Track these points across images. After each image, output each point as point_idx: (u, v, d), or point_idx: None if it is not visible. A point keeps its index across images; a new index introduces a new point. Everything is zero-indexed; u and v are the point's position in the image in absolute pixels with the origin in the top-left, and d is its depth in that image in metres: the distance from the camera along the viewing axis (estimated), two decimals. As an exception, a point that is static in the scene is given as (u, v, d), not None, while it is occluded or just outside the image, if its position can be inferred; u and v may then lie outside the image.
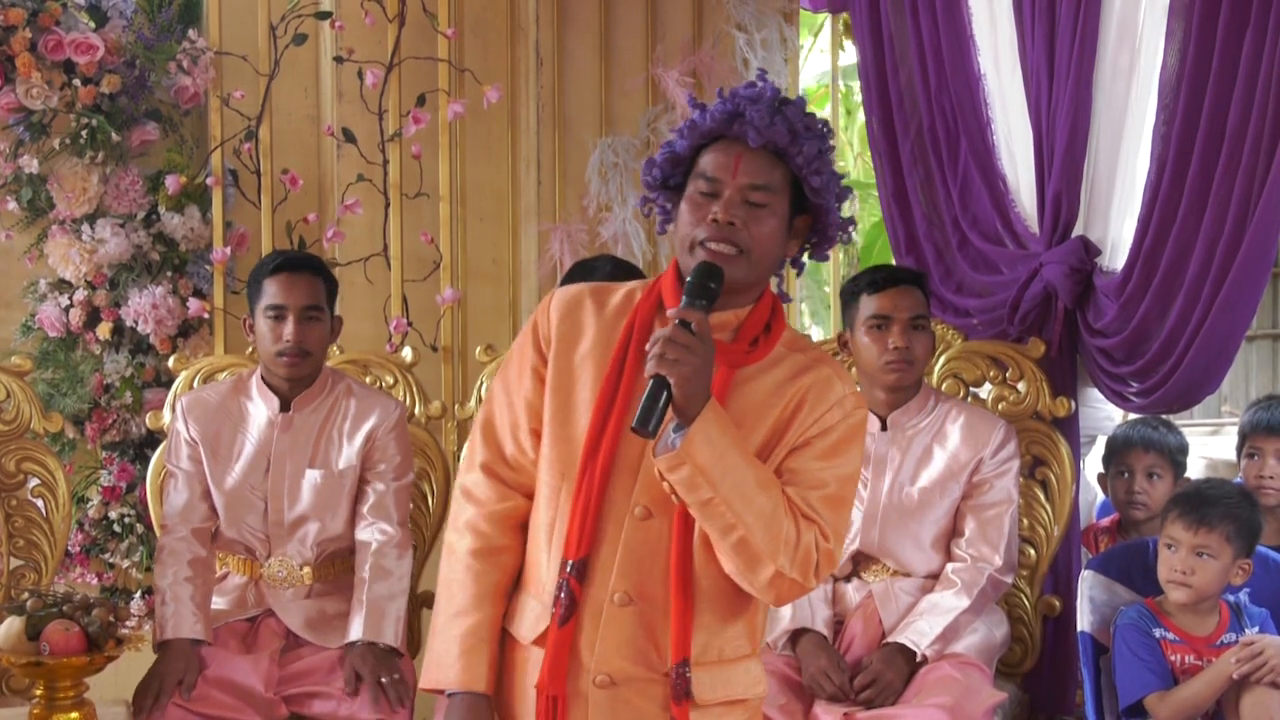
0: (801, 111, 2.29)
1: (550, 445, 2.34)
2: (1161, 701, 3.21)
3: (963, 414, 3.58)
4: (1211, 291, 3.49)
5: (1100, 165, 3.86)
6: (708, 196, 2.28)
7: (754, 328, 2.33)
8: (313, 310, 3.52)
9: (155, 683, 3.34)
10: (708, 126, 2.29)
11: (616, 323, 2.35)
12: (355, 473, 3.60)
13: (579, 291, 2.41)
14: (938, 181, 4.27)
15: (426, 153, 4.67)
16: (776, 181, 2.28)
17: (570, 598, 2.28)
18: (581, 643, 2.30)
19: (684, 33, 5.00)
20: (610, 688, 2.30)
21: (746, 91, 2.29)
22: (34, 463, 3.76)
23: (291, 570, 3.58)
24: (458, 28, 4.73)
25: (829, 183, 2.30)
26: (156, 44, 4.50)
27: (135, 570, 4.52)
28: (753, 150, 2.26)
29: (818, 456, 2.28)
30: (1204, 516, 3.24)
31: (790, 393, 2.30)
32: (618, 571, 2.29)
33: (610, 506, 2.29)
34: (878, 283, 3.53)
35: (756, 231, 2.26)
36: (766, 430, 2.29)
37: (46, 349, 4.54)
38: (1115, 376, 3.82)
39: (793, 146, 2.26)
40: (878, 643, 3.44)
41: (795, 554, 2.22)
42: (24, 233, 4.55)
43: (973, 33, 4.18)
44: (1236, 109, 3.41)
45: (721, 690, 2.34)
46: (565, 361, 2.35)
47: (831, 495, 2.28)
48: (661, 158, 2.35)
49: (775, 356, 2.34)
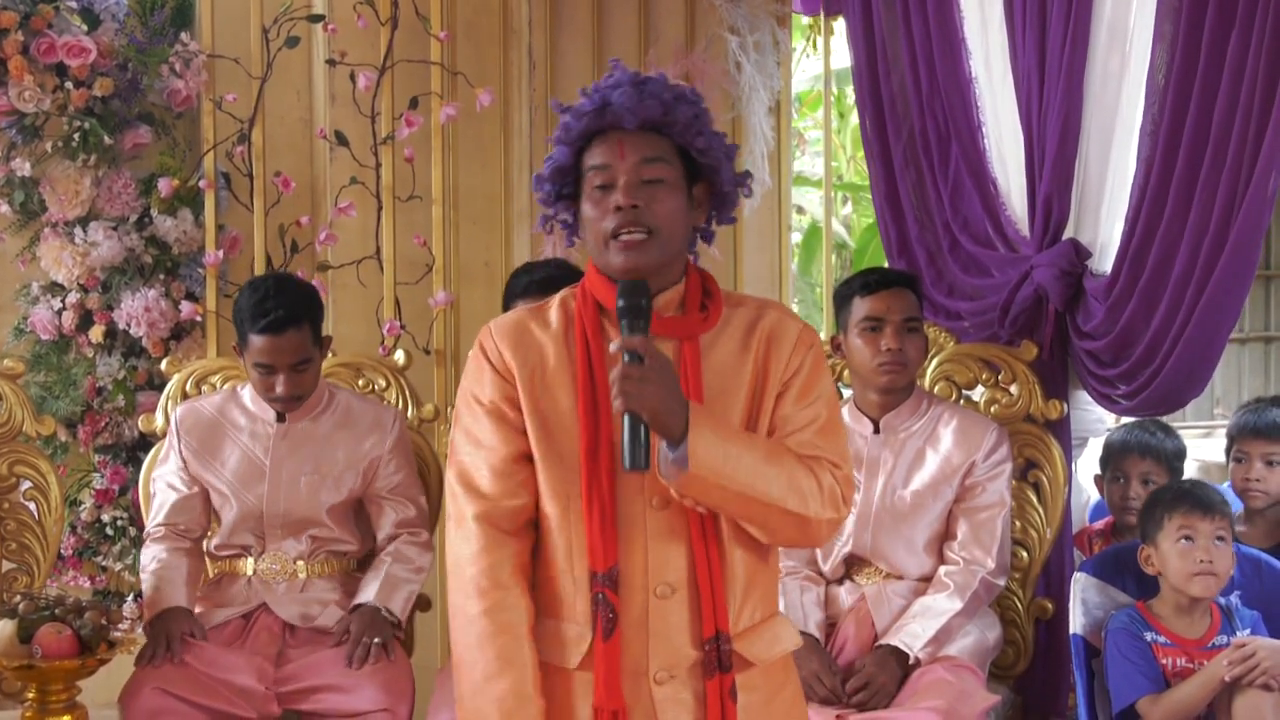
0: (664, 84, 2.32)
1: (544, 469, 2.32)
2: (1154, 705, 3.21)
3: (955, 417, 3.58)
4: (1196, 293, 3.49)
5: (1091, 168, 3.87)
6: (604, 189, 2.30)
7: (695, 295, 2.36)
8: (302, 364, 3.54)
9: (160, 636, 3.38)
10: (581, 126, 2.32)
11: (566, 336, 2.35)
12: (355, 479, 3.65)
13: (516, 318, 2.41)
14: (929, 184, 4.28)
15: (419, 156, 4.67)
16: (665, 152, 2.30)
17: (609, 609, 2.26)
18: (633, 649, 2.29)
19: (676, 36, 5.00)
20: (670, 681, 2.30)
21: (605, 82, 2.33)
22: (26, 466, 3.76)
23: (285, 564, 3.62)
24: (450, 31, 4.73)
25: (712, 142, 2.33)
26: (149, 47, 4.50)
27: (128, 573, 4.51)
28: (632, 132, 2.29)
29: (798, 397, 2.34)
30: (1214, 504, 3.28)
31: (754, 342, 2.35)
32: (652, 567, 2.28)
33: (626, 509, 2.29)
34: (870, 285, 3.53)
35: (660, 209, 2.28)
36: (747, 388, 2.34)
37: (39, 352, 4.53)
38: (1102, 379, 3.83)
39: (667, 117, 2.29)
40: (870, 645, 3.44)
41: (823, 497, 2.29)
42: (16, 236, 4.55)
43: (964, 36, 4.19)
44: (1221, 111, 3.42)
45: (775, 646, 2.38)
46: (535, 385, 2.33)
47: (823, 424, 2.34)
48: (548, 170, 2.37)
49: (724, 317, 2.37)
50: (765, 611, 2.39)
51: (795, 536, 2.33)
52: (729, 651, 2.29)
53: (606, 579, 2.26)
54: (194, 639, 3.41)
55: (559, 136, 2.35)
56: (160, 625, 3.42)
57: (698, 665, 2.30)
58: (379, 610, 3.53)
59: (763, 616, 2.38)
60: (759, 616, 2.37)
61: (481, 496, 2.32)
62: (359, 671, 3.41)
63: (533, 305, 2.45)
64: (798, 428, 2.32)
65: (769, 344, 2.34)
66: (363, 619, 3.50)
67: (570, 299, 2.40)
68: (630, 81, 2.30)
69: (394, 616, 3.54)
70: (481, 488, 2.33)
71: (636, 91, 2.29)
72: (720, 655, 2.28)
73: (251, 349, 3.51)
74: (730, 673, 2.29)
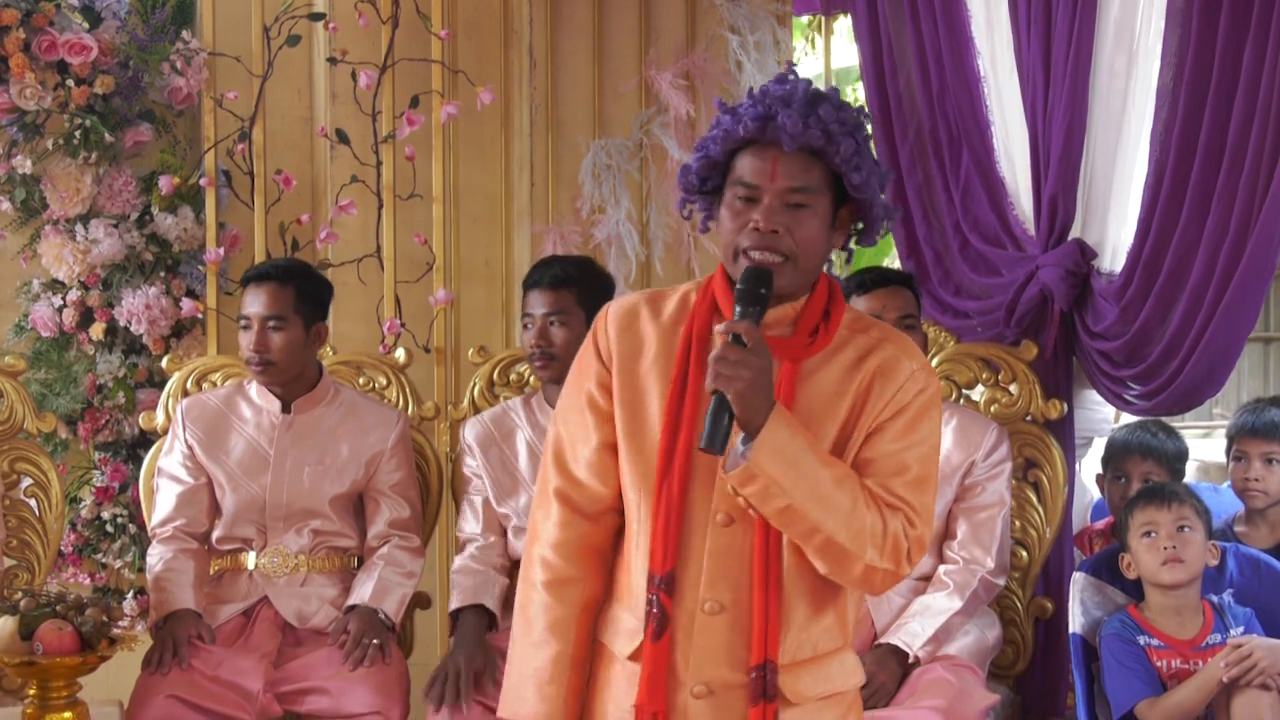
0: (836, 107, 2.23)
1: (626, 460, 2.30)
2: (1152, 709, 3.21)
3: (955, 416, 3.59)
4: (1215, 296, 3.48)
5: (1097, 168, 3.87)
6: (747, 203, 2.23)
7: (812, 318, 2.28)
8: (273, 320, 3.57)
9: (168, 640, 3.39)
10: (740, 134, 2.23)
11: (675, 330, 2.31)
12: (358, 471, 3.67)
13: (634, 302, 2.37)
14: (939, 184, 4.26)
15: (420, 154, 4.67)
16: (815, 181, 2.23)
17: (662, 611, 2.24)
18: (677, 656, 2.26)
19: (677, 35, 5.00)
20: (708, 697, 2.26)
21: (778, 91, 2.23)
22: (27, 463, 3.77)
23: (286, 558, 3.62)
24: (451, 29, 4.73)
25: (869, 177, 2.25)
26: (150, 45, 4.50)
27: (128, 570, 4.52)
28: (788, 154, 2.21)
29: (894, 439, 2.24)
30: (1171, 494, 3.32)
31: (858, 378, 2.26)
32: (706, 581, 2.25)
33: (691, 517, 2.25)
34: (866, 284, 3.55)
35: (800, 236, 2.22)
36: (840, 420, 2.25)
37: (40, 349, 4.53)
38: (1115, 379, 3.82)
39: (830, 147, 2.21)
40: (870, 644, 3.44)
41: (884, 545, 2.19)
42: (17, 233, 4.55)
43: (971, 34, 4.18)
44: (1239, 114, 3.41)
45: (822, 686, 2.30)
46: (630, 375, 2.31)
47: (914, 478, 2.24)
48: (697, 163, 2.30)
49: (839, 342, 2.29)
50: (826, 647, 2.31)
51: (841, 574, 2.22)
52: (774, 681, 2.23)
53: (663, 582, 2.24)
54: (203, 642, 3.41)
55: (715, 135, 2.26)
56: (167, 629, 3.43)
57: (740, 689, 2.25)
58: (375, 612, 3.53)
59: (819, 653, 2.30)
60: (815, 652, 2.30)
61: (565, 474, 2.35)
62: (353, 674, 3.42)
63: (657, 291, 2.41)
64: (886, 473, 2.23)
65: (874, 378, 2.25)
66: (361, 620, 3.50)
67: (693, 293, 2.35)
68: (801, 101, 2.21)
69: (389, 620, 3.55)
70: (568, 465, 2.35)
71: (803, 115, 2.19)
72: (766, 685, 2.23)
73: (241, 305, 3.61)
74: (774, 703, 2.23)
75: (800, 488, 2.13)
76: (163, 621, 3.45)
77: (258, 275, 3.65)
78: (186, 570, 3.55)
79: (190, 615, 3.47)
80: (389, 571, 3.59)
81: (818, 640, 2.30)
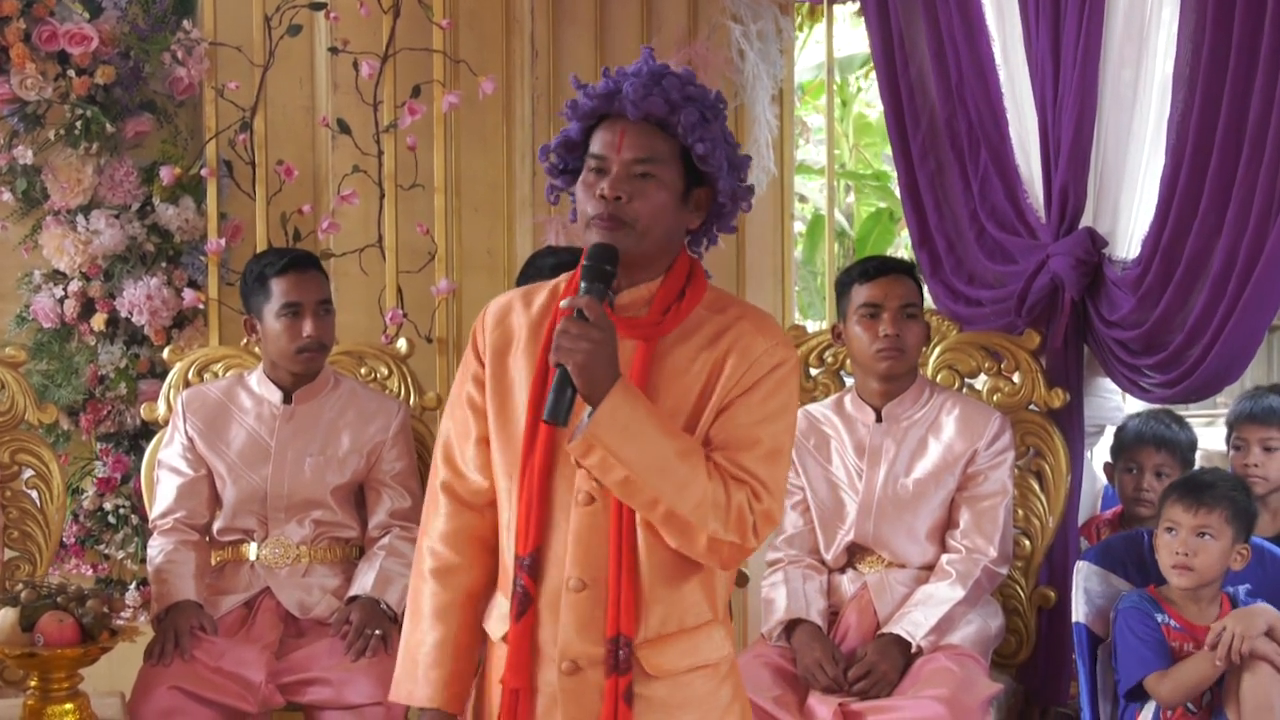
0: (683, 82, 2.29)
1: (497, 450, 2.37)
2: (1161, 681, 3.21)
3: (958, 405, 3.59)
4: (1238, 285, 3.45)
5: (1108, 156, 3.84)
6: (597, 174, 2.29)
7: (667, 297, 2.33)
8: (326, 304, 3.63)
9: (170, 631, 3.40)
10: (589, 106, 2.32)
11: (543, 320, 2.36)
12: (359, 461, 3.68)
13: (509, 298, 2.44)
14: (955, 173, 4.23)
15: (421, 144, 4.66)
16: (662, 153, 2.28)
17: (524, 591, 2.30)
18: (544, 635, 2.31)
19: (679, 25, 4.99)
20: (576, 673, 2.31)
21: (629, 68, 2.31)
22: (28, 454, 3.77)
23: (287, 548, 3.63)
24: (453, 19, 4.72)
25: (715, 150, 2.29)
26: (151, 35, 4.49)
27: (130, 561, 4.52)
28: (636, 124, 2.28)
29: (746, 413, 2.27)
30: (1202, 498, 3.26)
31: (713, 355, 2.29)
32: (570, 559, 2.30)
33: (557, 498, 2.30)
34: (869, 272, 3.55)
35: (642, 204, 2.26)
36: (694, 397, 2.29)
37: (41, 340, 4.53)
38: (1132, 367, 3.79)
39: (672, 116, 2.26)
40: (873, 634, 3.44)
41: (728, 518, 2.22)
42: (18, 224, 4.55)
43: (986, 23, 4.15)
44: (1259, 100, 3.37)
45: (688, 659, 2.33)
46: (500, 368, 2.37)
47: (765, 452, 2.27)
48: (555, 144, 2.38)
49: (696, 321, 2.33)
50: (693, 621, 2.34)
51: (687, 546, 2.25)
52: (628, 655, 2.28)
53: (527, 563, 2.30)
54: (205, 633, 3.42)
55: (569, 113, 2.35)
56: (169, 620, 3.43)
57: (602, 664, 2.30)
58: (377, 603, 3.54)
59: (685, 626, 2.33)
60: (680, 625, 2.33)
61: (450, 468, 2.43)
62: (355, 664, 3.42)
63: (534, 285, 2.47)
64: (736, 446, 2.26)
65: (727, 355, 2.29)
66: (363, 611, 3.51)
67: (563, 283, 2.41)
68: (647, 74, 2.28)
69: (390, 610, 3.55)
70: (454, 460, 2.43)
71: (647, 85, 2.26)
72: (618, 658, 2.27)
73: (275, 295, 3.57)
74: (627, 675, 2.28)
75: (640, 459, 2.17)
76: (164, 613, 3.46)
77: (297, 262, 3.64)
78: (187, 561, 3.55)
79: (192, 606, 3.47)
80: (391, 562, 3.60)
81: (683, 615, 2.33)
